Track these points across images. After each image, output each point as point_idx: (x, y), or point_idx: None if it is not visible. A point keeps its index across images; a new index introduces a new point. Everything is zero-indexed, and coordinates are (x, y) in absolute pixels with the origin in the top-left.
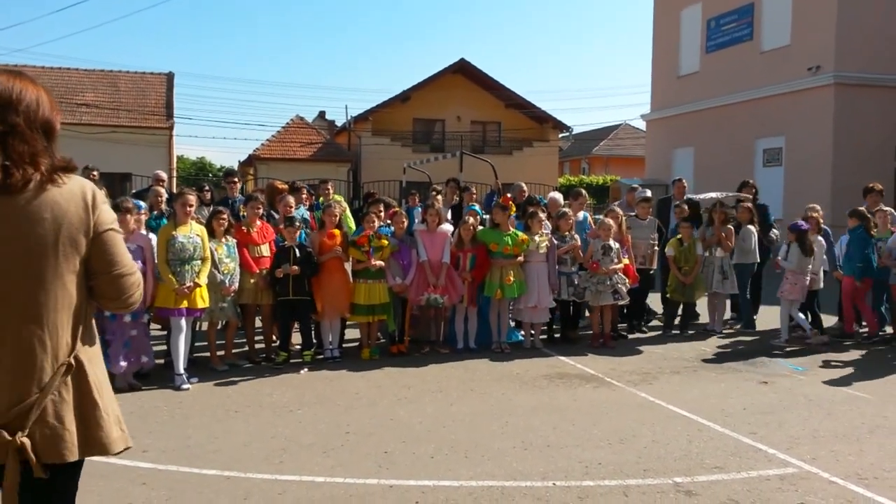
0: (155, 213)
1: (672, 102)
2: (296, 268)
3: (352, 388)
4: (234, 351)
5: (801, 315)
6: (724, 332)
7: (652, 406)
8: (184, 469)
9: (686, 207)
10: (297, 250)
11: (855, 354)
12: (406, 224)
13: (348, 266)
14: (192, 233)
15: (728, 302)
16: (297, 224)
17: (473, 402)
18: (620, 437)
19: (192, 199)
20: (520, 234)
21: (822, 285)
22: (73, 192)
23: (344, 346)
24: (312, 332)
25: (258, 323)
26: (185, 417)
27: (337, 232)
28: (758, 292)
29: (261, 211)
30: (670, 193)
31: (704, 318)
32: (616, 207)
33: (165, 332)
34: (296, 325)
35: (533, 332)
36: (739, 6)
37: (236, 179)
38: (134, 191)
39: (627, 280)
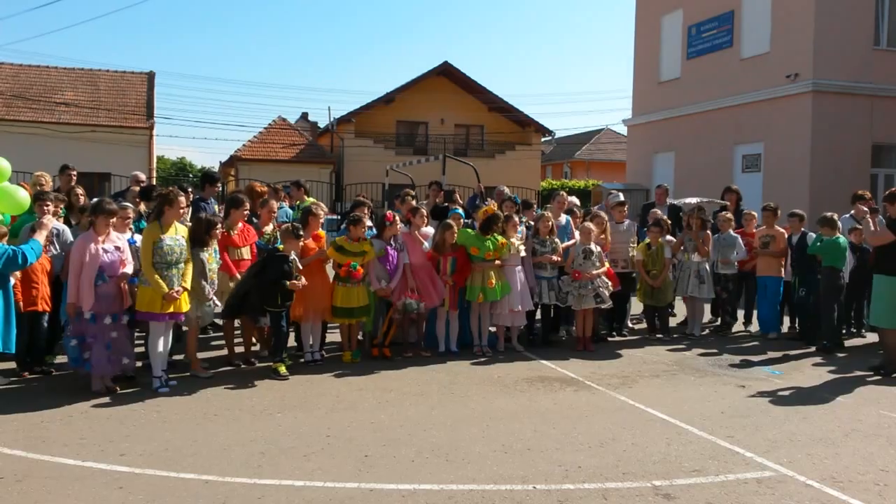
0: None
1: (653, 108)
2: (304, 282)
3: (332, 392)
4: (211, 355)
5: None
6: (703, 336)
7: (631, 409)
8: (161, 473)
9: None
10: (288, 260)
11: (832, 359)
12: (395, 220)
13: (329, 269)
14: (177, 234)
15: (707, 306)
16: (301, 234)
17: (454, 405)
18: (600, 440)
19: (184, 200)
20: (499, 237)
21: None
22: None
23: (325, 349)
24: (288, 335)
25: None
26: (163, 421)
27: (322, 233)
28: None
29: (246, 214)
30: (651, 199)
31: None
32: (601, 212)
33: (144, 335)
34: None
35: (510, 335)
36: (720, 13)
37: (217, 184)
38: (113, 192)
39: (610, 284)
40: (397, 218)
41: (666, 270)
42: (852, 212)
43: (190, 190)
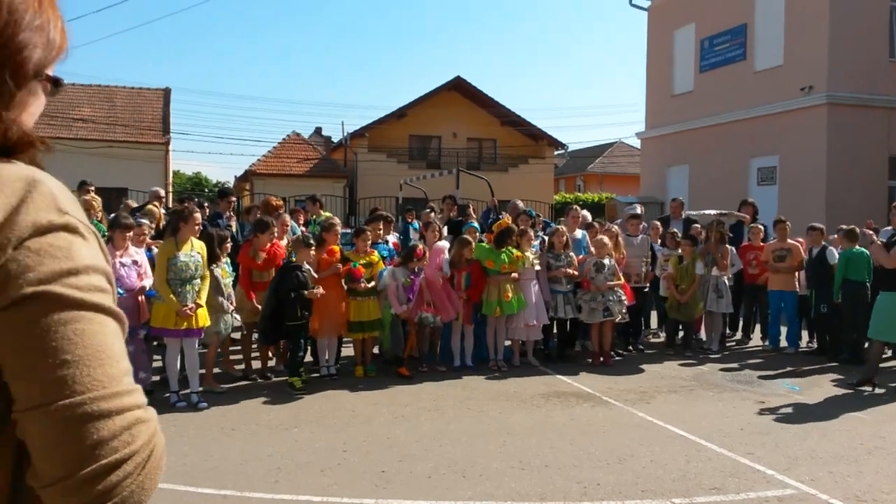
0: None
1: (666, 121)
2: (322, 291)
3: (348, 406)
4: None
5: None
6: (721, 351)
7: (650, 426)
8: (180, 487)
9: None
10: (301, 269)
11: (851, 374)
12: (426, 254)
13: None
14: (193, 251)
15: (727, 320)
16: (312, 244)
17: (470, 420)
18: (618, 456)
19: (199, 217)
20: (514, 251)
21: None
22: None
23: (340, 363)
24: (306, 350)
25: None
26: (180, 435)
27: (337, 248)
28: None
29: (273, 237)
30: (666, 212)
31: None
32: (614, 226)
33: (161, 350)
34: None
35: (526, 349)
36: (732, 27)
37: (232, 199)
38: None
39: (625, 298)
40: (427, 254)
41: (695, 285)
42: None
43: (206, 205)
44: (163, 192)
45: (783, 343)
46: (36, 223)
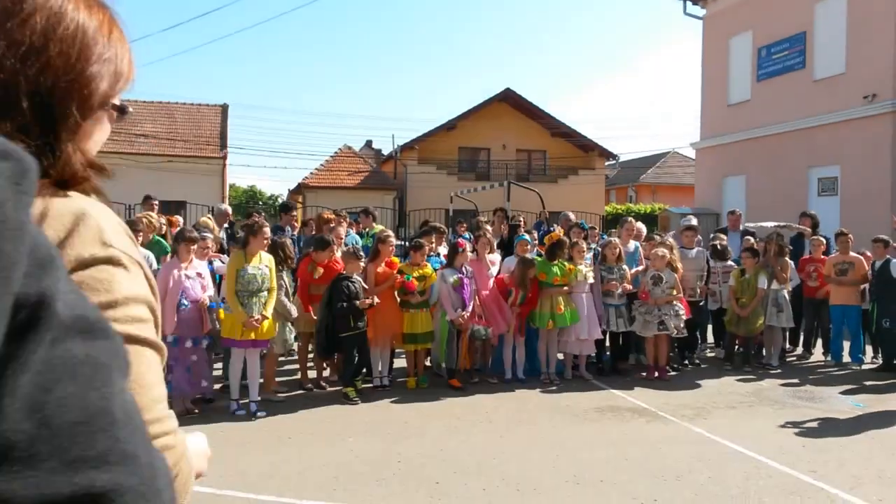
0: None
1: (722, 131)
2: (377, 300)
3: (401, 418)
4: (283, 379)
5: None
6: (781, 366)
7: (707, 442)
8: (241, 494)
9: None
10: (352, 280)
11: None
12: (465, 248)
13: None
14: (261, 263)
15: (787, 334)
16: (361, 255)
17: (523, 434)
18: (676, 473)
19: (268, 231)
20: (567, 263)
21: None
22: None
23: (392, 374)
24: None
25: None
26: (240, 444)
27: (396, 260)
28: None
29: (332, 255)
30: (722, 224)
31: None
32: (670, 238)
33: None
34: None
35: (578, 363)
36: (791, 35)
37: (294, 213)
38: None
39: (683, 312)
40: (468, 246)
41: (757, 299)
42: None
43: (262, 215)
44: (230, 210)
45: (846, 358)
46: (79, 257)
